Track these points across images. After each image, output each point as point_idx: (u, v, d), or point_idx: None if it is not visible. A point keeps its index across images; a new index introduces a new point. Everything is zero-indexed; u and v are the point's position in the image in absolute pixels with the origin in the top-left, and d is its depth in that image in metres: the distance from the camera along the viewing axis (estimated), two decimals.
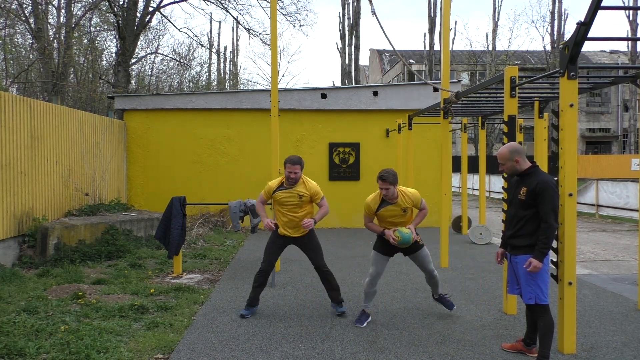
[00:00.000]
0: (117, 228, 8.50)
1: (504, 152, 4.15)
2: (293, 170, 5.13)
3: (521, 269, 4.04)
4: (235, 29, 46.22)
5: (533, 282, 3.97)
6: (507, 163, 4.15)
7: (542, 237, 3.89)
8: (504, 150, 4.16)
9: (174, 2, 18.95)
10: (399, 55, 7.36)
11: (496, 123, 31.79)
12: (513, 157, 4.11)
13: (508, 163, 4.15)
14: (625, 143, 43.64)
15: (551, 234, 3.89)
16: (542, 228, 3.91)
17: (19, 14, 17.48)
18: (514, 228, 4.12)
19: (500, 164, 4.22)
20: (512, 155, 4.12)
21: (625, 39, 8.11)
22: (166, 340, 4.54)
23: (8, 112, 7.41)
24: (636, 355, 4.26)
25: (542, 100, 8.17)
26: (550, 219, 3.88)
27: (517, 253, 4.09)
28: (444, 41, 8.08)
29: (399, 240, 4.82)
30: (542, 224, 3.90)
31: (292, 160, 5.15)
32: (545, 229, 3.88)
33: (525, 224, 4.02)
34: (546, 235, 3.88)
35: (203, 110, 12.46)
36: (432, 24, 32.82)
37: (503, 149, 4.18)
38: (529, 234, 4.00)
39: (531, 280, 3.97)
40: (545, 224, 3.88)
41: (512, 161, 4.12)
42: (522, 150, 4.17)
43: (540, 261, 3.89)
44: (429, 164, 12.49)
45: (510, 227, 4.18)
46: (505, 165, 4.17)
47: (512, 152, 4.12)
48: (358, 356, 4.24)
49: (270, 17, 7.63)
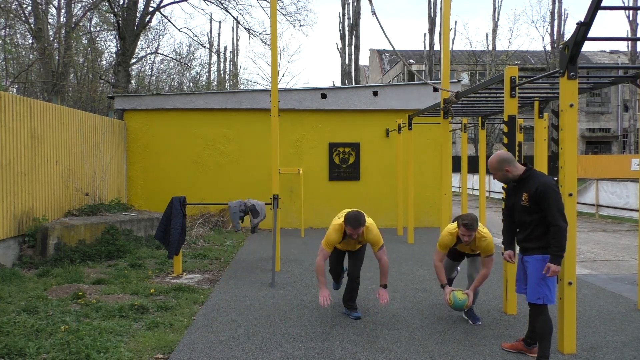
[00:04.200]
0: (117, 228, 8.50)
1: (493, 162, 4.15)
2: (356, 232, 4.89)
3: (532, 268, 4.02)
4: (235, 29, 46.25)
5: (543, 282, 3.96)
6: (498, 173, 4.15)
7: (555, 241, 3.85)
8: (492, 161, 4.16)
9: (174, 2, 18.96)
10: (399, 55, 7.36)
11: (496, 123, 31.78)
12: (502, 167, 4.10)
13: (498, 173, 4.15)
14: (625, 143, 43.64)
15: (563, 236, 3.85)
16: (552, 232, 3.87)
17: (19, 14, 17.49)
18: (524, 233, 4.11)
19: (492, 173, 4.23)
20: (500, 165, 4.11)
21: (625, 39, 8.14)
22: (166, 340, 4.54)
23: (8, 112, 7.41)
24: (636, 355, 4.26)
25: (542, 100, 8.17)
26: (558, 221, 3.85)
27: (529, 253, 4.08)
28: (444, 41, 8.08)
29: (451, 304, 4.79)
30: (552, 227, 3.87)
31: (354, 225, 4.84)
32: (556, 232, 3.85)
33: (534, 227, 4.00)
34: (558, 238, 3.85)
35: (203, 110, 12.46)
36: (432, 24, 32.82)
37: (492, 160, 4.17)
38: (539, 237, 3.99)
39: (542, 281, 3.96)
40: (555, 227, 3.85)
41: (502, 171, 4.11)
42: (510, 159, 4.13)
43: (559, 264, 3.87)
44: (429, 164, 12.49)
45: (521, 232, 4.16)
46: (497, 175, 4.17)
47: (501, 162, 4.11)
48: (358, 356, 4.24)
49: (270, 17, 7.63)
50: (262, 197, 9.60)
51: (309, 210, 12.31)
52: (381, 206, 12.53)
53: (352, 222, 4.85)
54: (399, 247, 9.76)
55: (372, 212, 13.07)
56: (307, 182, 12.29)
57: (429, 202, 12.66)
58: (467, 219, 4.71)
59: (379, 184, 12.62)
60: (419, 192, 11.94)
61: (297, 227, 12.24)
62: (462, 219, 4.73)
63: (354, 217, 4.87)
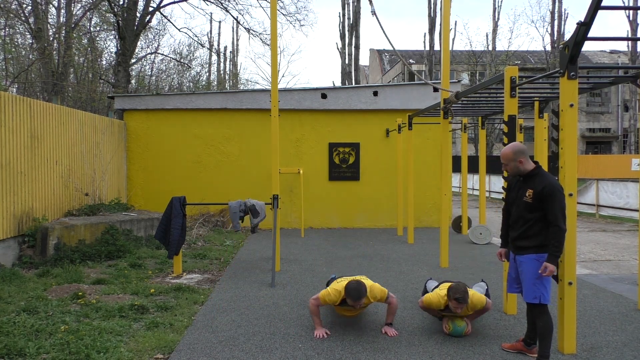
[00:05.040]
0: (117, 228, 8.50)
1: (508, 152, 4.12)
2: (358, 304, 4.55)
3: (527, 268, 4.02)
4: (235, 29, 46.24)
5: (539, 282, 3.96)
6: (510, 164, 4.12)
7: (553, 242, 3.87)
8: (507, 151, 4.13)
9: (174, 2, 18.96)
10: (399, 55, 7.36)
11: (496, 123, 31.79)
12: (517, 157, 4.08)
13: (511, 164, 4.11)
14: (625, 143, 43.65)
15: (562, 238, 3.88)
16: (552, 232, 3.88)
17: (19, 14, 17.49)
18: (519, 230, 4.10)
19: (503, 164, 4.19)
20: (515, 155, 4.08)
21: (625, 39, 8.12)
22: (166, 340, 4.54)
23: (8, 112, 7.41)
24: (636, 355, 4.26)
25: (542, 100, 8.17)
26: (560, 222, 3.86)
27: (521, 253, 4.08)
28: (444, 41, 8.08)
29: (450, 330, 4.72)
30: (552, 228, 3.88)
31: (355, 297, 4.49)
32: (556, 232, 3.86)
33: (532, 225, 4.00)
34: (557, 239, 3.86)
35: (203, 110, 12.46)
36: (432, 24, 32.83)
37: (507, 150, 4.14)
38: (535, 235, 3.99)
39: (537, 280, 3.96)
40: (555, 228, 3.86)
41: (515, 162, 4.09)
42: (525, 151, 4.13)
43: (555, 265, 3.88)
44: (429, 164, 12.49)
45: (516, 229, 4.14)
46: (509, 165, 4.14)
47: (516, 153, 4.08)
48: (358, 356, 4.24)
49: (270, 17, 7.63)
50: (262, 197, 9.61)
51: (309, 210, 12.31)
52: (381, 206, 12.53)
53: (353, 294, 4.48)
54: (399, 247, 9.76)
55: (372, 212, 13.24)
56: (307, 182, 12.29)
57: (429, 202, 12.66)
58: (459, 292, 4.41)
59: (379, 184, 12.62)
60: (419, 192, 11.94)
61: (297, 227, 12.24)
62: (453, 293, 4.43)
63: (355, 288, 4.50)
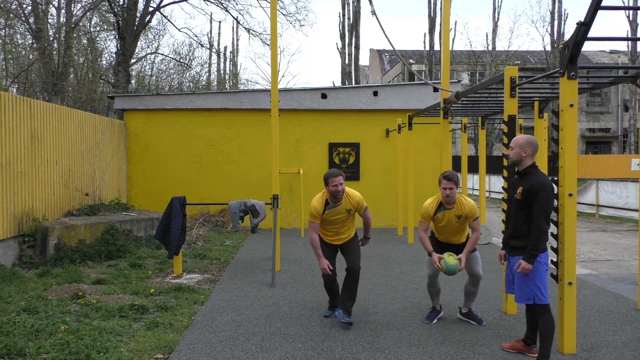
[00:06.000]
0: (117, 228, 8.50)
1: (521, 139, 4.13)
2: (337, 182, 4.80)
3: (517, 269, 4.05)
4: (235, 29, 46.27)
5: (530, 282, 3.97)
6: (516, 149, 4.11)
7: (531, 239, 3.90)
8: (521, 138, 4.14)
9: (174, 2, 18.95)
10: (399, 55, 7.36)
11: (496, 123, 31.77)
12: (525, 146, 4.08)
13: (517, 149, 4.11)
14: (625, 143, 43.62)
15: (540, 236, 3.88)
16: (532, 229, 3.91)
17: (19, 14, 17.48)
18: (511, 228, 4.15)
19: (510, 147, 4.20)
20: (526, 144, 4.08)
21: (625, 39, 8.12)
22: (166, 340, 4.54)
23: (8, 112, 7.41)
24: (636, 355, 4.26)
25: (542, 100, 8.17)
26: (540, 220, 3.87)
27: (514, 254, 4.11)
28: (444, 41, 8.08)
29: (443, 269, 4.75)
30: (533, 225, 3.91)
31: (333, 174, 4.86)
32: (535, 230, 3.89)
33: (521, 224, 4.03)
34: (535, 237, 3.88)
35: (203, 110, 12.46)
36: (432, 24, 32.80)
37: (521, 137, 4.16)
38: (524, 235, 4.01)
39: (528, 280, 3.97)
40: (535, 225, 3.89)
41: (521, 149, 4.09)
42: (536, 146, 4.13)
43: (530, 263, 3.90)
44: (429, 164, 12.49)
45: (509, 227, 4.20)
46: (514, 150, 4.14)
47: (527, 143, 4.09)
48: (358, 356, 4.24)
49: (270, 17, 7.63)
50: (262, 197, 9.60)
51: (308, 210, 12.29)
52: (381, 206, 12.53)
53: (330, 173, 4.90)
54: (399, 247, 9.76)
55: (372, 212, 13.10)
56: (307, 182, 12.28)
57: None
58: (447, 171, 4.80)
59: (379, 184, 12.62)
60: (419, 192, 11.92)
61: (297, 227, 12.24)
62: (442, 174, 4.78)
63: (330, 170, 4.99)
